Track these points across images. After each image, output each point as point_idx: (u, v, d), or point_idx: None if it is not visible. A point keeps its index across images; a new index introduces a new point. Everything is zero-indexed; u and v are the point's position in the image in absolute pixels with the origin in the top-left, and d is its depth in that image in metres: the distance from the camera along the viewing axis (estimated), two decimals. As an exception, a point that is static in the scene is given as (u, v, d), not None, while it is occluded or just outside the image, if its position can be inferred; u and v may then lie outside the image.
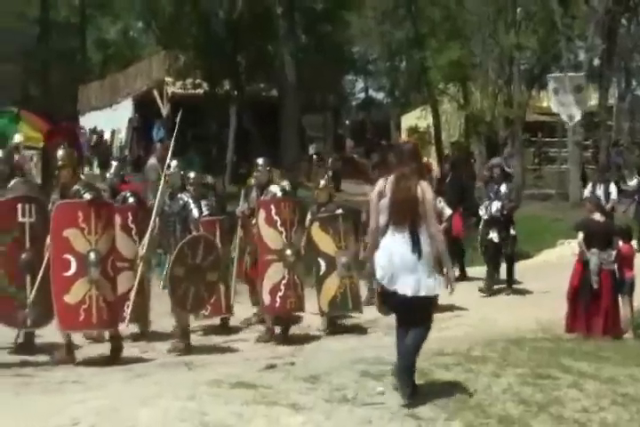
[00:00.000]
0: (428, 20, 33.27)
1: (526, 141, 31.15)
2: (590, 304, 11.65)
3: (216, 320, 13.15)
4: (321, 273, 12.83)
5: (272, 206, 12.39)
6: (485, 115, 29.98)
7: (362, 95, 47.81)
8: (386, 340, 11.48)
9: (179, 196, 12.02)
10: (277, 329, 12.34)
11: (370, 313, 12.71)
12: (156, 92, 33.61)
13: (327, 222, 12.99)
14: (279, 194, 12.85)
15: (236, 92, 29.42)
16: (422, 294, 7.45)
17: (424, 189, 7.53)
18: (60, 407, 7.37)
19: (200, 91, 29.99)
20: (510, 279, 15.26)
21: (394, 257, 7.46)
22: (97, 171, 28.99)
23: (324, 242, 12.86)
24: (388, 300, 7.71)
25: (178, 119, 13.40)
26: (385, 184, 7.61)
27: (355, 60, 38.18)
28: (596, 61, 28.82)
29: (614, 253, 12.00)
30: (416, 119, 36.65)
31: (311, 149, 34.67)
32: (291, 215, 12.46)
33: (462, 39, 30.78)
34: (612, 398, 7.99)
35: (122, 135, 34.95)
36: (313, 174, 29.40)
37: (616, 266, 11.95)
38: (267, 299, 12.21)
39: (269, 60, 28.85)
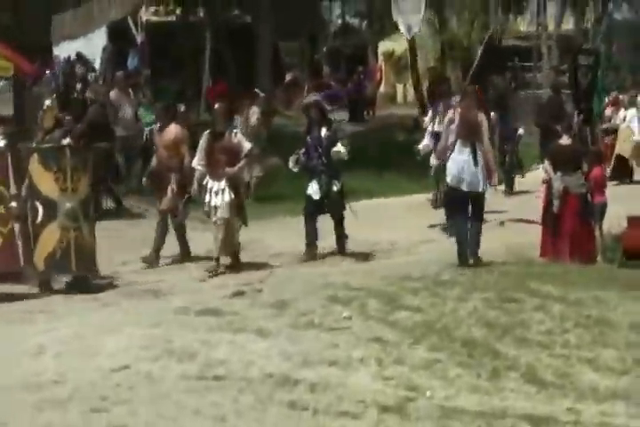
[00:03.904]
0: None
1: (502, 67, 30.91)
2: (557, 229, 11.65)
3: None
4: (37, 221, 10.38)
5: None
6: (461, 40, 29.69)
7: (339, 22, 47.23)
8: (356, 266, 11.56)
9: None
10: None
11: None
12: (130, 20, 33.14)
13: (49, 156, 10.55)
14: None
15: (209, 19, 29.06)
16: (479, 189, 10.76)
17: (481, 118, 10.93)
18: (27, 336, 7.41)
19: (173, 18, 29.63)
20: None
21: (460, 165, 10.68)
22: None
23: (44, 181, 10.40)
24: (455, 196, 10.87)
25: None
26: (453, 114, 11.10)
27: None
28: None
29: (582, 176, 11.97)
30: (392, 45, 36.29)
31: (288, 76, 34.37)
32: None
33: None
34: (576, 320, 8.06)
35: (96, 65, 34.51)
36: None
37: (585, 190, 11.92)
38: None
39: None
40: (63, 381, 6.25)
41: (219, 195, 11.33)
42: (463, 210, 10.90)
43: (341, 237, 12.24)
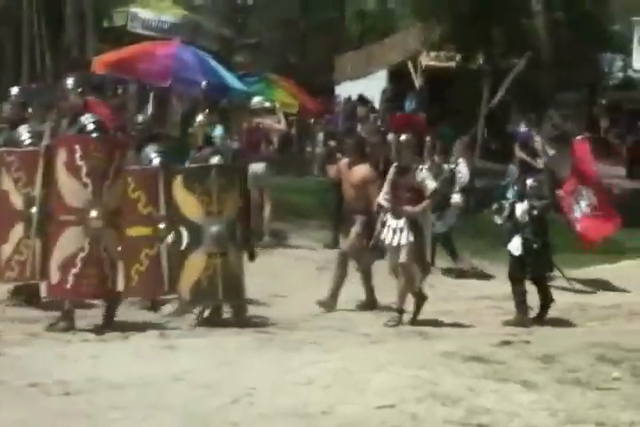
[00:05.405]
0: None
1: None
2: None
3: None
4: (182, 247, 9.75)
5: (76, 146, 9.26)
6: None
7: (620, 75, 46.32)
8: (627, 326, 11.24)
9: None
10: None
11: (610, 298, 12.46)
12: (410, 64, 33.75)
13: (194, 176, 9.80)
14: (90, 127, 9.67)
15: (488, 66, 29.18)
16: None
17: None
18: (297, 366, 7.62)
19: (452, 64, 29.95)
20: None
21: None
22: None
23: (189, 204, 9.70)
24: None
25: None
26: None
27: (613, 39, 37.04)
28: None
29: None
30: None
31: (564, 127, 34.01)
32: (103, 163, 9.30)
33: None
34: None
35: (375, 106, 35.30)
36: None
37: None
38: (55, 276, 9.21)
39: (523, 35, 28.43)
40: (331, 412, 6.39)
41: (396, 234, 10.52)
42: None
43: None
